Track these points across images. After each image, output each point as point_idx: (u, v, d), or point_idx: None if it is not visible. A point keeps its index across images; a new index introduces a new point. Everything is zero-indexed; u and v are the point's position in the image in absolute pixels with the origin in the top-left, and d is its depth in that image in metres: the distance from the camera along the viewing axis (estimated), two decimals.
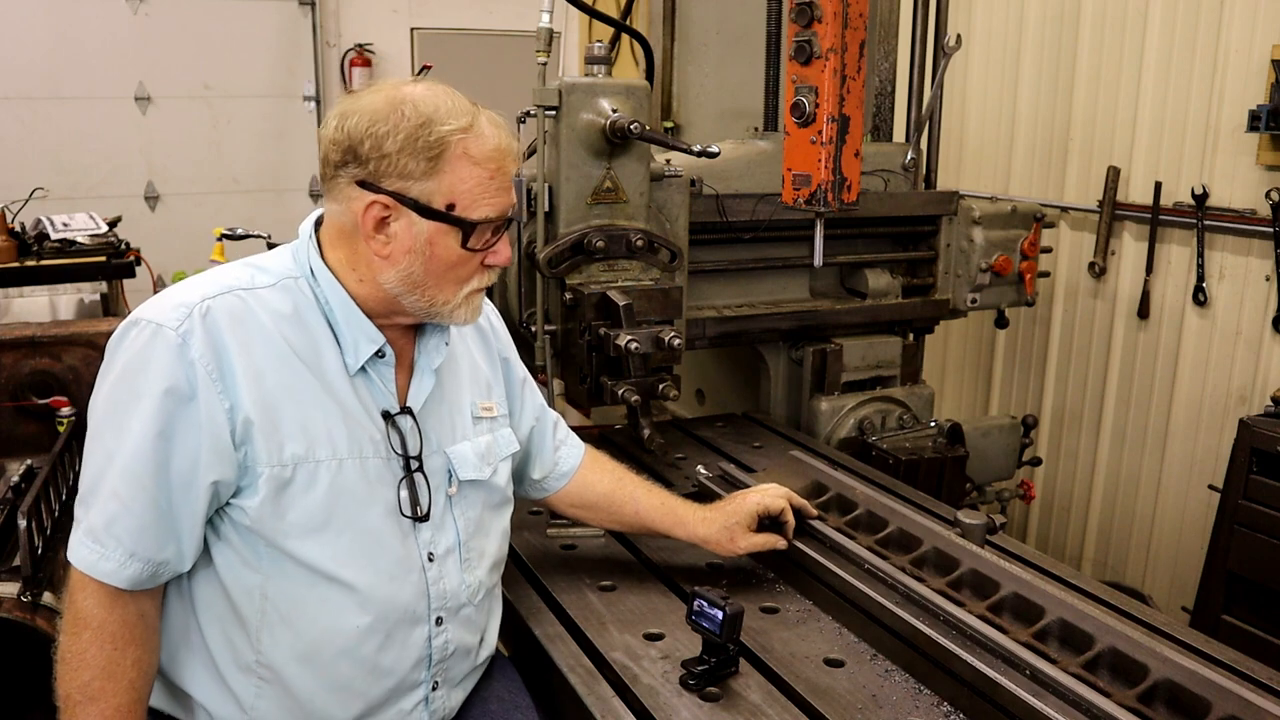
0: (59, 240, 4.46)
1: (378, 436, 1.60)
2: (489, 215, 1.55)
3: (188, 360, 1.46)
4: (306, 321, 1.57)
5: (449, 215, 1.53)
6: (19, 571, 2.50)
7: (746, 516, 1.98)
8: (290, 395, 1.52)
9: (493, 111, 1.61)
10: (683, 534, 2.01)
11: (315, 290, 1.60)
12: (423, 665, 1.64)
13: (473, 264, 1.59)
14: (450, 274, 1.58)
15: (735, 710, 1.64)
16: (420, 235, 1.54)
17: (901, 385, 3.21)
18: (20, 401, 3.27)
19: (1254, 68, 3.35)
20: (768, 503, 2.00)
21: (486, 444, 1.77)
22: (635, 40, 3.40)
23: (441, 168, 1.52)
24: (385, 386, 1.63)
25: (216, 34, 6.56)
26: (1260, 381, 3.45)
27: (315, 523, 1.52)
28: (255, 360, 1.50)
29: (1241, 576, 2.93)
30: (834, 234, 2.95)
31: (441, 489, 1.67)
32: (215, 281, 1.56)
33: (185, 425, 1.46)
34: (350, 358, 1.59)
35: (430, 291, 1.58)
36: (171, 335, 1.46)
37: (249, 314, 1.53)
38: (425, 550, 1.63)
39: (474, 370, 1.81)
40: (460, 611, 1.68)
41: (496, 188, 1.56)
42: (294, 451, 1.51)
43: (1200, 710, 1.52)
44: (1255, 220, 3.41)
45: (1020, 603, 1.80)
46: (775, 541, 1.99)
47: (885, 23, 3.29)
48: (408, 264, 1.55)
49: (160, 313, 1.49)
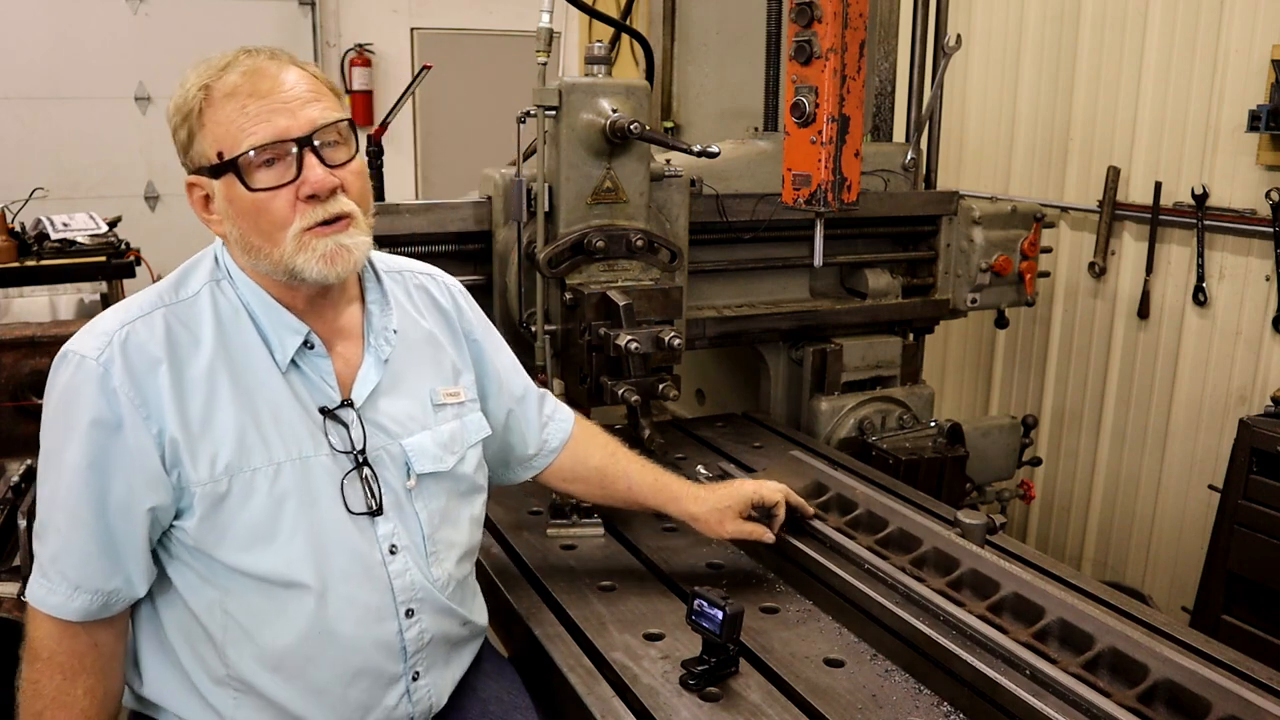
0: (59, 240, 4.46)
1: (318, 434, 1.55)
2: (254, 144, 1.44)
3: (110, 389, 1.44)
4: (232, 327, 1.54)
5: (222, 163, 1.46)
6: (19, 572, 2.50)
7: (739, 501, 1.97)
8: (219, 408, 1.49)
9: (265, 48, 1.52)
10: (675, 510, 1.99)
11: (236, 291, 1.56)
12: (398, 658, 1.61)
13: (280, 203, 1.47)
14: (262, 222, 1.47)
15: (735, 710, 1.64)
16: (221, 196, 1.49)
17: (901, 385, 3.21)
18: (20, 401, 3.27)
19: (1254, 68, 3.35)
20: (764, 493, 1.99)
21: (451, 432, 1.71)
22: (635, 40, 3.40)
23: (202, 122, 1.46)
24: (323, 380, 1.58)
25: (216, 34, 6.56)
26: (1260, 381, 3.45)
27: (261, 532, 1.49)
28: (180, 379, 1.48)
29: (1241, 576, 2.93)
30: (834, 234, 2.95)
31: (399, 481, 1.62)
32: (138, 304, 1.54)
33: (116, 455, 1.44)
34: (278, 354, 1.55)
35: (264, 249, 1.49)
36: (93, 365, 1.45)
37: (170, 332, 1.50)
38: (386, 544, 1.59)
39: (437, 355, 1.75)
40: (433, 601, 1.64)
41: (255, 113, 1.44)
42: (227, 463, 1.48)
43: (1200, 710, 1.52)
44: (1255, 220, 3.41)
45: (1020, 603, 1.80)
46: (762, 533, 1.97)
47: (885, 23, 3.29)
48: (230, 230, 1.51)
49: (84, 343, 1.48)
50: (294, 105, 1.47)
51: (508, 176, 2.52)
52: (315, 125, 1.47)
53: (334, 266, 1.50)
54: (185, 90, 1.48)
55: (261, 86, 1.46)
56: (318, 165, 1.47)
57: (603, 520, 2.33)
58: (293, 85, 1.48)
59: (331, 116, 1.50)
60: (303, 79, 1.50)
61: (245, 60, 1.48)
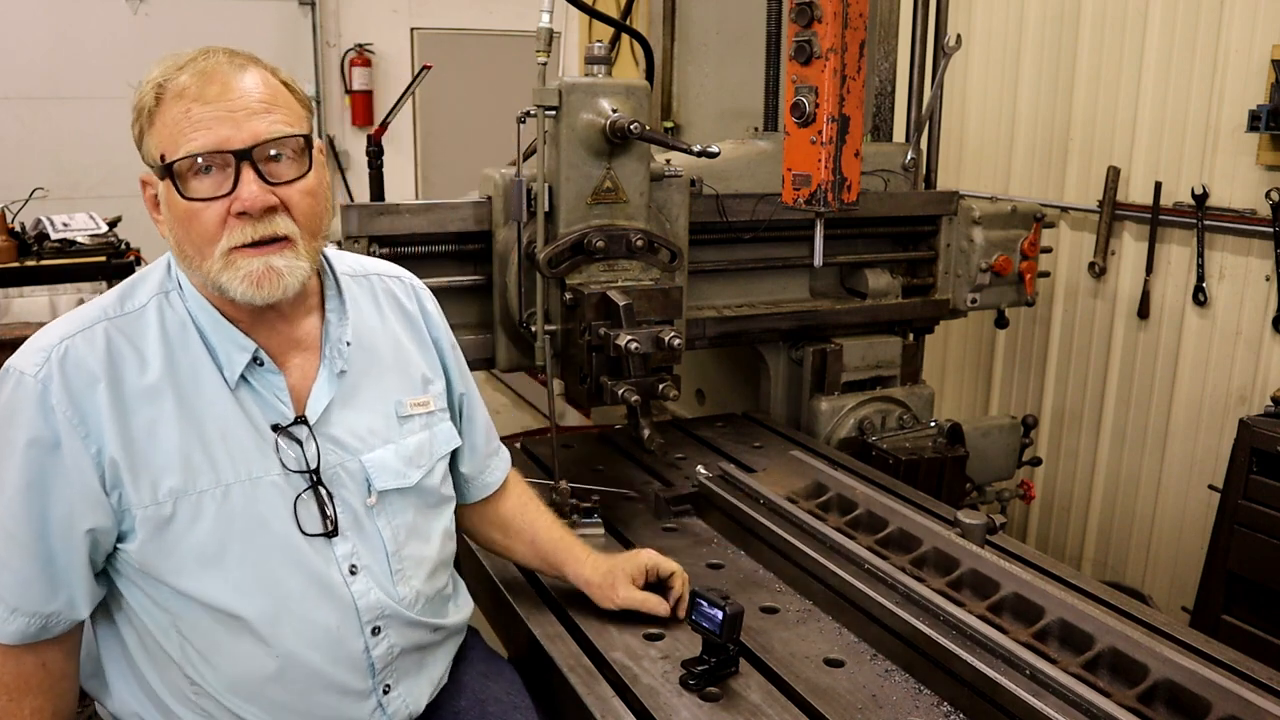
0: (59, 240, 4.46)
1: (269, 453, 1.49)
2: (191, 151, 1.37)
3: (48, 407, 1.39)
4: (178, 342, 1.48)
5: (163, 165, 1.39)
6: None
7: (633, 568, 1.87)
8: (163, 427, 1.43)
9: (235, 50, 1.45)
10: (571, 571, 1.90)
11: (185, 304, 1.50)
12: (365, 675, 1.55)
13: (210, 216, 1.39)
14: (194, 232, 1.40)
15: (735, 710, 1.64)
16: (164, 199, 1.43)
17: (901, 385, 3.21)
18: None
19: (1254, 68, 3.35)
20: (659, 562, 1.89)
21: (418, 444, 1.64)
22: (635, 40, 3.39)
23: (152, 120, 1.40)
24: (275, 396, 1.52)
25: (216, 34, 6.51)
26: (1260, 381, 3.45)
27: (209, 555, 1.44)
28: (121, 396, 1.42)
29: (1241, 576, 2.93)
30: (834, 234, 2.94)
31: (358, 499, 1.56)
32: (81, 316, 1.48)
33: (53, 475, 1.39)
34: (227, 371, 1.48)
35: (195, 260, 1.43)
36: (31, 383, 1.39)
37: (111, 347, 1.44)
38: (345, 564, 1.53)
39: (404, 364, 1.68)
40: (400, 618, 1.58)
41: (198, 119, 1.37)
42: (171, 486, 1.43)
43: (1200, 710, 1.52)
44: (1255, 220, 3.41)
45: (1020, 603, 1.80)
46: (656, 604, 1.85)
47: (885, 23, 3.29)
48: (169, 233, 1.45)
49: (23, 359, 1.43)
50: (239, 115, 1.39)
51: (508, 176, 2.52)
52: (258, 139, 1.39)
53: (260, 289, 1.42)
54: (142, 86, 1.42)
55: (209, 91, 1.38)
56: (253, 181, 1.39)
57: (603, 521, 2.33)
58: (244, 93, 1.40)
59: (280, 131, 1.41)
60: (259, 87, 1.41)
61: (201, 60, 1.41)
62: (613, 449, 2.88)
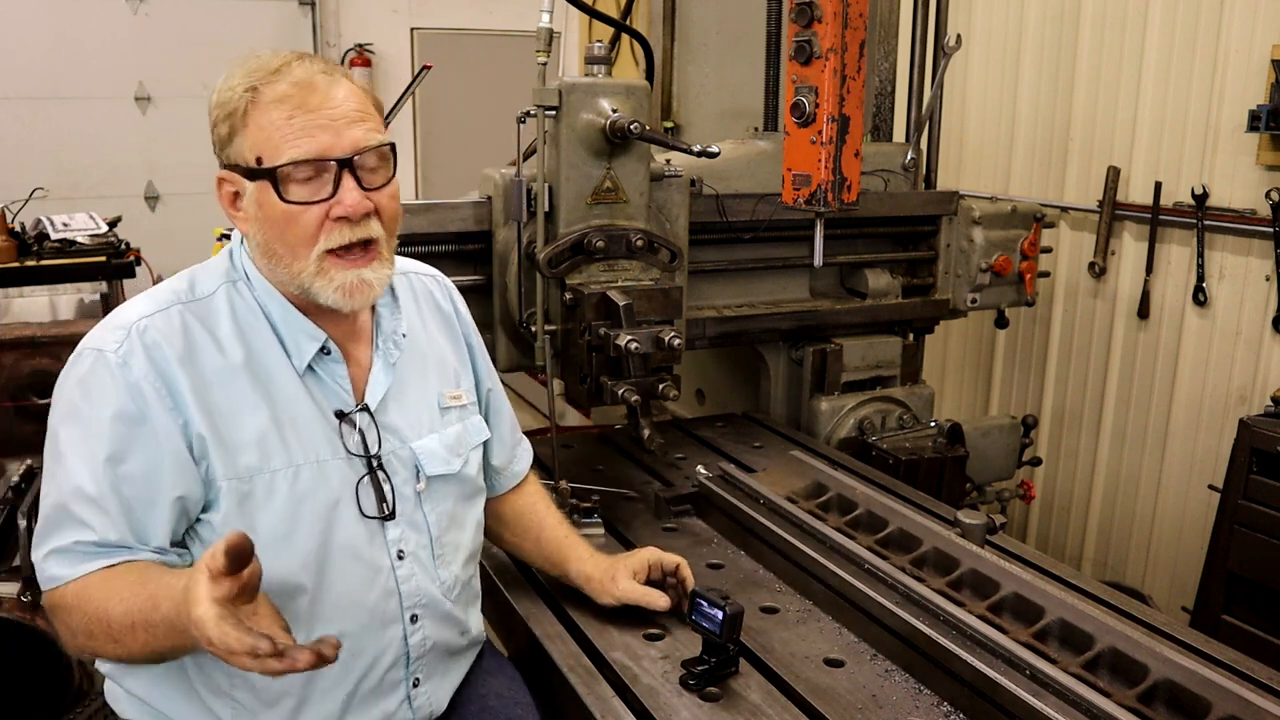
0: (59, 240, 4.46)
1: (334, 438, 1.55)
2: (295, 157, 1.43)
3: (131, 382, 1.43)
4: (248, 328, 1.54)
5: (259, 169, 1.45)
6: (19, 571, 2.50)
7: (635, 563, 1.89)
8: (239, 407, 1.49)
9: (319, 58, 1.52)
10: (574, 568, 1.92)
11: (253, 293, 1.56)
12: (400, 664, 1.62)
13: (310, 219, 1.46)
14: (290, 234, 1.47)
15: (735, 710, 1.64)
16: (252, 199, 1.48)
17: (901, 385, 3.21)
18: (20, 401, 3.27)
19: (1254, 68, 3.35)
20: (661, 557, 1.91)
21: (456, 434, 1.72)
22: (635, 40, 3.39)
23: (245, 123, 1.45)
24: (338, 385, 1.59)
25: (216, 34, 6.56)
26: (1260, 381, 3.45)
27: (280, 532, 1.49)
28: (200, 375, 1.47)
29: (1241, 576, 2.93)
30: (834, 234, 2.94)
31: (409, 485, 1.62)
32: (153, 299, 1.53)
33: (140, 447, 1.43)
34: (296, 359, 1.55)
35: (285, 260, 1.49)
36: (112, 359, 1.44)
37: (188, 329, 1.49)
38: (394, 549, 1.59)
39: (440, 359, 1.76)
40: (437, 608, 1.65)
41: (301, 127, 1.43)
42: (248, 464, 1.48)
43: (1200, 710, 1.52)
44: (1255, 220, 3.41)
45: (1020, 603, 1.80)
46: (656, 598, 1.86)
47: (885, 23, 3.29)
48: (254, 233, 1.50)
49: (99, 339, 1.47)
50: (340, 124, 1.45)
51: (508, 176, 2.52)
52: (358, 147, 1.47)
53: (351, 299, 1.51)
54: (232, 86, 1.46)
55: (311, 100, 1.44)
56: (354, 188, 1.46)
57: (603, 521, 2.33)
58: (341, 102, 1.46)
59: (375, 140, 1.49)
60: (352, 96, 1.49)
61: (298, 68, 1.46)
62: (613, 449, 2.88)
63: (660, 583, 1.91)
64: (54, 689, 2.51)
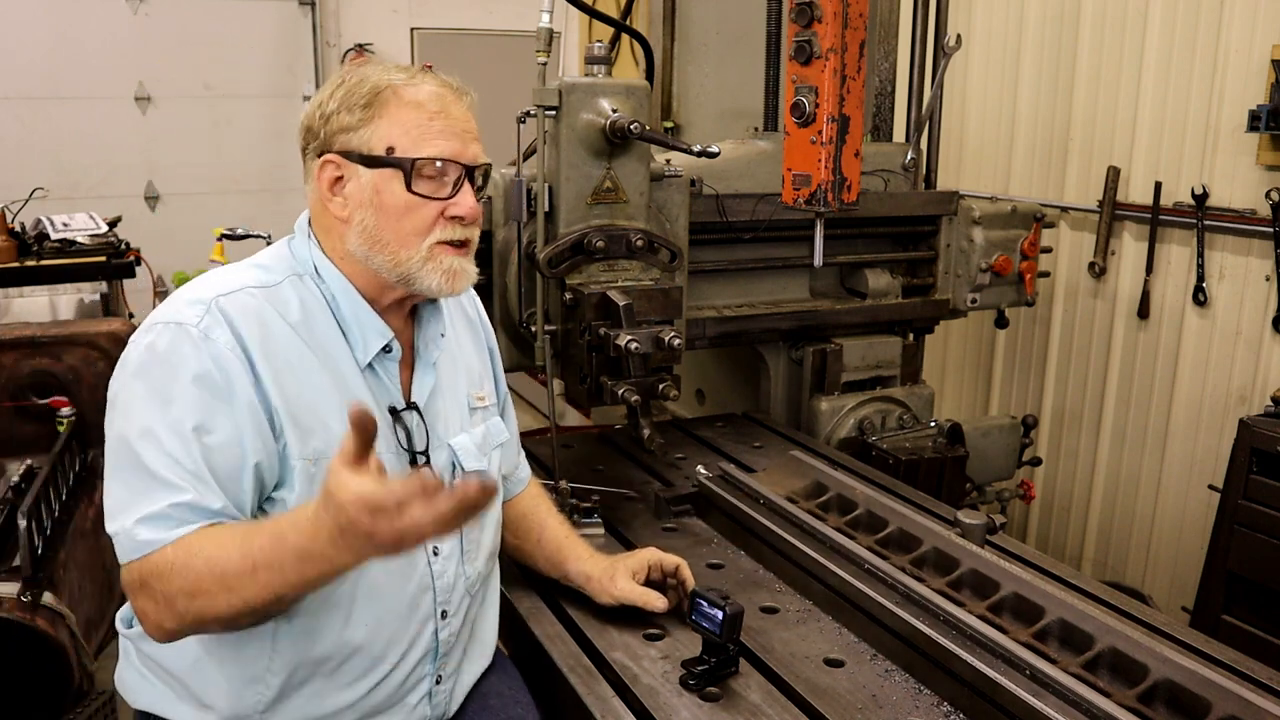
0: (59, 240, 4.46)
1: (388, 433, 1.60)
2: (432, 154, 1.53)
3: (214, 352, 1.45)
4: (315, 318, 1.58)
5: (389, 158, 1.53)
6: (19, 571, 2.50)
7: (635, 563, 1.92)
8: (309, 390, 1.52)
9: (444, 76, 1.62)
10: (574, 568, 1.95)
11: (320, 286, 1.60)
12: (428, 659, 1.66)
13: (427, 212, 1.55)
14: (404, 223, 1.54)
15: (735, 710, 1.64)
16: (368, 186, 1.54)
17: (901, 385, 3.21)
18: (20, 401, 3.27)
19: (1254, 68, 3.35)
20: (661, 557, 1.93)
21: (483, 434, 1.78)
22: (635, 40, 3.39)
23: (378, 113, 1.53)
24: (391, 382, 1.64)
25: (216, 34, 6.55)
26: (1260, 381, 3.45)
27: None
28: (274, 355, 1.50)
29: (1241, 576, 2.93)
30: (834, 234, 2.94)
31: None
32: (225, 281, 1.55)
33: (225, 417, 1.44)
34: (360, 353, 1.59)
35: (391, 247, 1.55)
36: (194, 330, 1.45)
37: (261, 311, 1.53)
38: (430, 545, 1.63)
39: (468, 361, 1.82)
40: (461, 604, 1.69)
41: (440, 129, 1.54)
42: (316, 446, 1.51)
43: (1200, 710, 1.52)
44: (1255, 220, 3.41)
45: (1020, 603, 1.80)
46: (655, 599, 1.87)
47: (885, 23, 3.29)
48: (361, 218, 1.55)
49: (176, 312, 1.49)
50: (466, 137, 1.58)
51: (508, 176, 2.52)
52: (477, 160, 1.59)
53: (451, 284, 1.59)
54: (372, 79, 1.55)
55: (451, 110, 1.57)
56: (471, 193, 1.58)
57: (603, 521, 2.33)
58: (468, 120, 1.60)
59: (486, 159, 1.62)
60: (472, 118, 1.61)
61: (434, 81, 1.59)
62: (613, 449, 2.88)
63: (660, 583, 1.92)
64: (54, 689, 2.51)
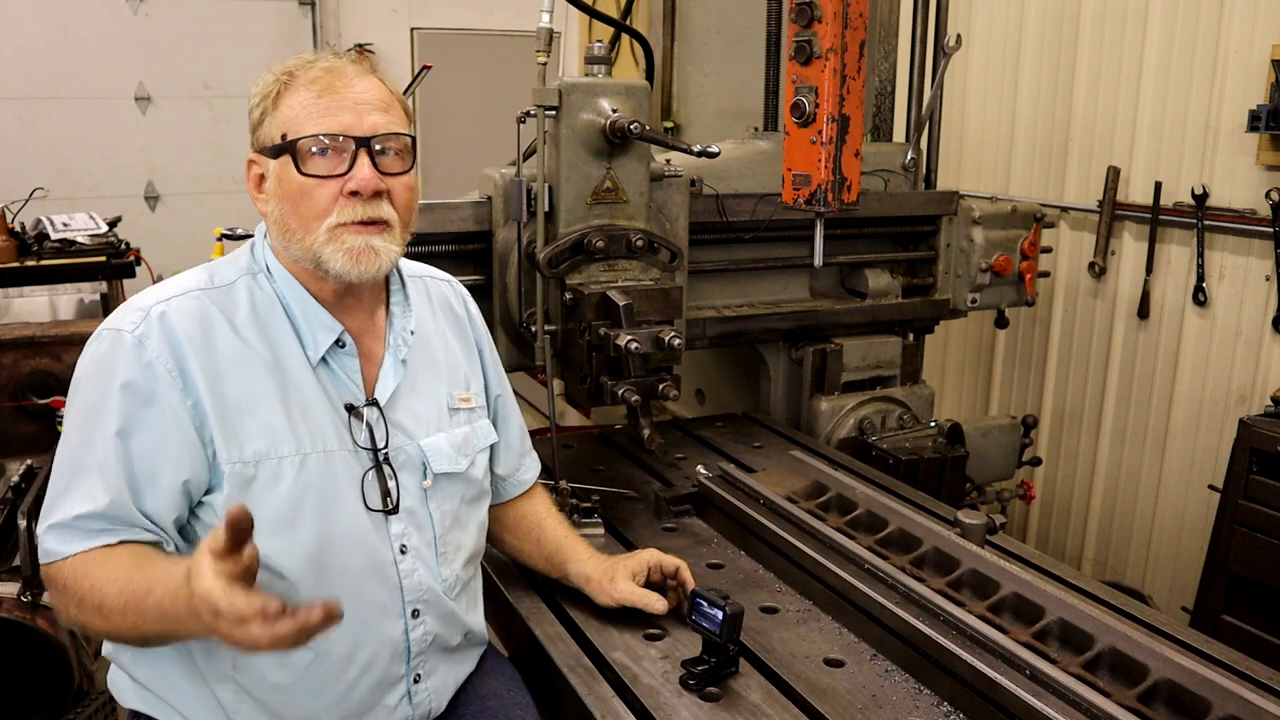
0: (59, 240, 4.46)
1: (342, 430, 1.59)
2: (315, 131, 1.51)
3: (145, 361, 1.47)
4: (265, 318, 1.58)
5: (282, 144, 1.53)
6: (19, 571, 2.50)
7: (635, 565, 1.90)
8: (250, 394, 1.53)
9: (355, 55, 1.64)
10: (574, 569, 1.93)
11: (272, 285, 1.61)
12: (401, 659, 1.64)
13: (324, 193, 1.53)
14: (303, 207, 1.53)
15: (735, 710, 1.64)
16: (274, 176, 1.55)
17: (901, 385, 3.21)
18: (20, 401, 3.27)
19: (1254, 68, 3.35)
20: (661, 559, 1.91)
21: (464, 435, 1.75)
22: (635, 40, 3.39)
23: (276, 105, 1.54)
24: (349, 378, 1.63)
25: (216, 34, 6.56)
26: (1260, 381, 3.45)
27: (282, 518, 1.51)
28: (214, 361, 1.51)
29: (1241, 576, 2.93)
30: (834, 234, 2.94)
31: (415, 482, 1.65)
32: (172, 286, 1.58)
33: (149, 424, 1.46)
34: (310, 350, 1.59)
35: (298, 234, 1.54)
36: (128, 338, 1.48)
37: (206, 315, 1.54)
38: (397, 543, 1.62)
39: (451, 361, 1.79)
40: (438, 605, 1.67)
41: (326, 106, 1.52)
42: (255, 449, 1.51)
43: (1200, 710, 1.52)
44: (1255, 220, 3.41)
45: (1020, 603, 1.80)
46: (654, 600, 1.86)
47: (885, 23, 3.29)
48: (273, 209, 1.57)
49: (117, 319, 1.52)
50: (362, 109, 1.54)
51: (508, 176, 2.52)
52: (376, 131, 1.54)
53: (358, 265, 1.54)
54: (271, 75, 1.56)
55: (337, 84, 1.54)
56: (367, 165, 1.53)
57: (603, 521, 2.33)
58: (366, 90, 1.56)
59: (394, 127, 1.57)
60: (378, 88, 1.58)
61: (332, 59, 1.57)
62: (613, 449, 2.88)
63: (660, 585, 1.92)
64: (54, 689, 2.51)
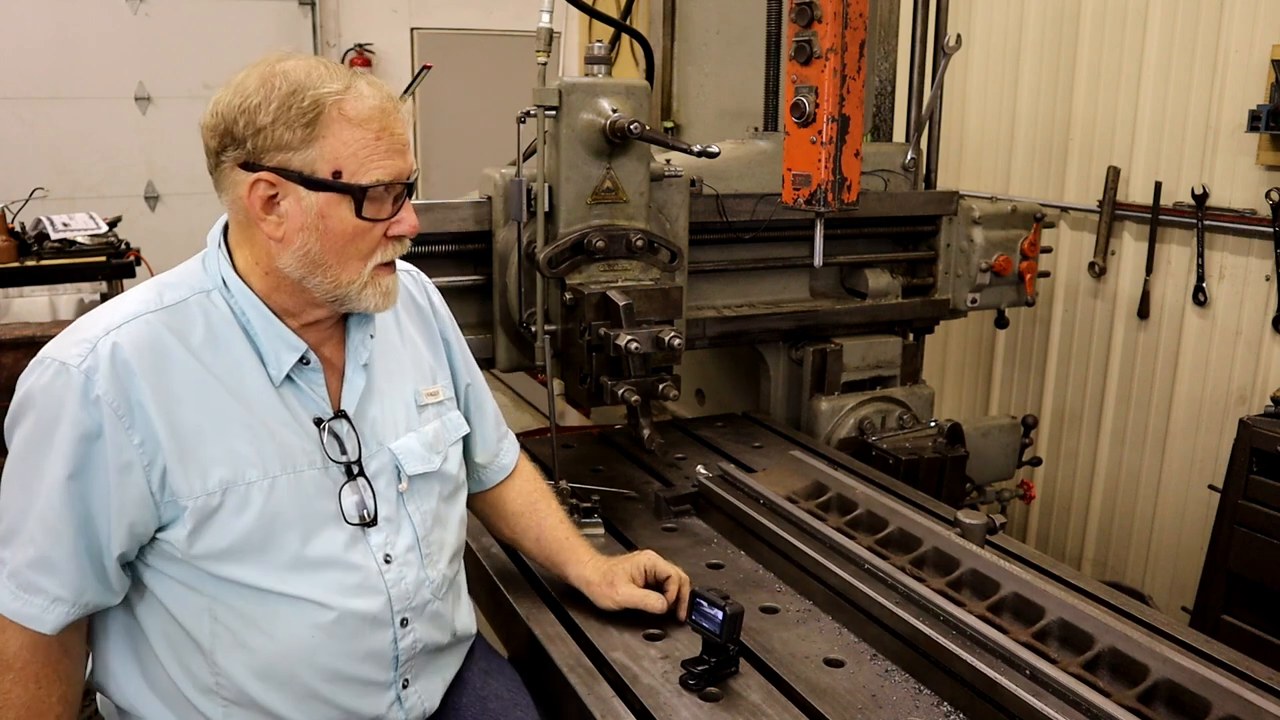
0: (59, 240, 4.46)
1: (311, 447, 1.53)
2: (380, 179, 1.46)
3: (92, 399, 1.39)
4: (223, 337, 1.50)
5: (336, 183, 1.44)
6: None
7: (633, 567, 1.89)
8: (211, 420, 1.46)
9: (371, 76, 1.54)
10: (574, 571, 1.92)
11: (229, 301, 1.52)
12: (389, 667, 1.60)
13: (373, 235, 1.50)
14: (350, 248, 1.48)
15: (735, 710, 1.64)
16: (311, 209, 1.45)
17: (901, 385, 3.21)
18: None
19: (1254, 68, 3.35)
20: (657, 563, 1.91)
21: (434, 431, 1.71)
22: (635, 40, 3.39)
23: (320, 133, 1.43)
24: (315, 393, 1.56)
25: (216, 34, 6.56)
26: (1260, 381, 3.45)
27: (253, 544, 1.47)
28: (169, 389, 1.44)
29: (1241, 576, 2.93)
30: (834, 234, 2.94)
31: (391, 487, 1.61)
32: (121, 309, 1.48)
33: (97, 467, 1.40)
34: (273, 369, 1.52)
35: (333, 270, 1.49)
36: (76, 374, 1.39)
37: (158, 340, 1.45)
38: (380, 554, 1.58)
39: (416, 356, 1.75)
40: (425, 608, 1.64)
41: (385, 149, 1.47)
42: (220, 477, 1.45)
43: (1200, 710, 1.52)
44: (1255, 220, 3.41)
45: (1020, 603, 1.80)
46: (655, 600, 1.86)
47: (885, 23, 3.29)
48: (302, 241, 1.46)
49: (64, 349, 1.42)
50: (406, 151, 1.52)
51: (508, 176, 2.52)
52: (414, 172, 1.53)
53: (386, 304, 1.56)
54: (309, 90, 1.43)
55: (391, 125, 1.49)
56: (411, 209, 1.53)
57: (603, 521, 2.33)
58: (404, 129, 1.53)
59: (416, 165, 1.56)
60: (407, 128, 1.55)
61: (372, 91, 1.48)
62: (613, 449, 2.88)
63: (659, 586, 1.92)
64: None
